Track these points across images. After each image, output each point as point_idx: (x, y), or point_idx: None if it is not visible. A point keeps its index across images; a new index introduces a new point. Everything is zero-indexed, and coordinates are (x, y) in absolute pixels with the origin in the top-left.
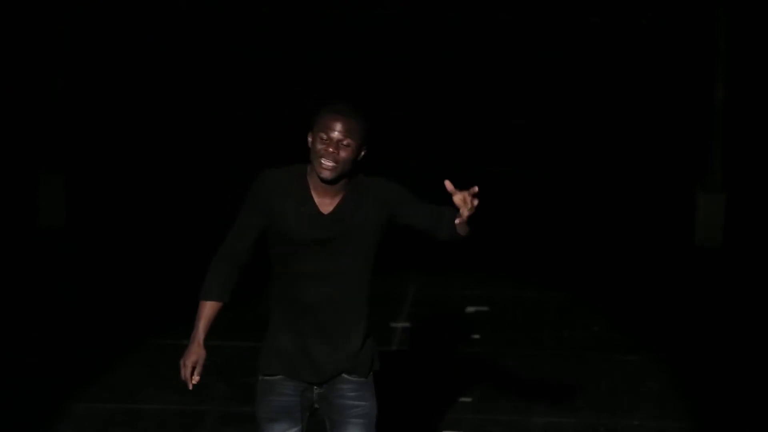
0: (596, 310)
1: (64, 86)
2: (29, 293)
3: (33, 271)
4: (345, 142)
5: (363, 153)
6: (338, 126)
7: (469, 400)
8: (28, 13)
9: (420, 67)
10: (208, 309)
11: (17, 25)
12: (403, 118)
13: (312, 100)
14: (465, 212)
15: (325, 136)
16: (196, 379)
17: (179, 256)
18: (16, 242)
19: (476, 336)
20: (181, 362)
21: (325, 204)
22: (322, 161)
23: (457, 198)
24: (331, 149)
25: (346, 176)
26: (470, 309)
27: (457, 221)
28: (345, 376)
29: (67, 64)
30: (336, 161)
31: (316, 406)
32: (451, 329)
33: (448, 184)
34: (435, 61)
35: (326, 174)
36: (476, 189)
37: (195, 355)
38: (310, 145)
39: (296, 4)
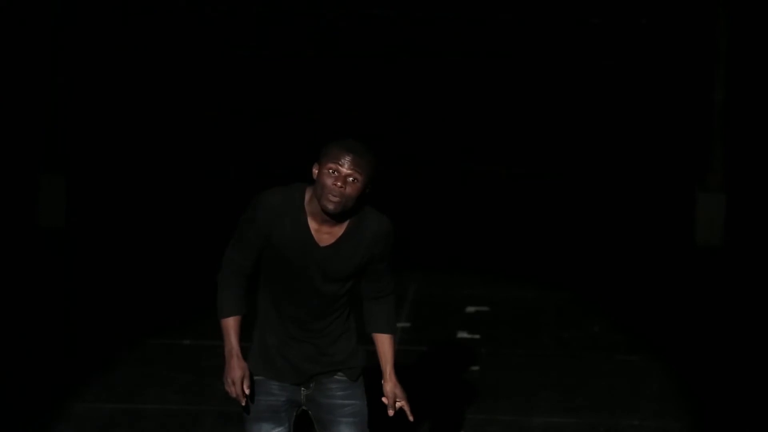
0: (596, 310)
1: (64, 86)
2: (29, 293)
3: (33, 271)
4: (352, 178)
5: (368, 190)
6: (348, 160)
7: (469, 400)
8: (28, 14)
9: (420, 67)
10: (232, 322)
11: (17, 25)
12: (402, 118)
13: (312, 102)
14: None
15: (333, 170)
16: (247, 392)
17: (179, 256)
18: (16, 242)
19: (476, 336)
20: (227, 380)
21: (323, 235)
22: (330, 196)
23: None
24: (339, 183)
25: (349, 211)
26: (470, 309)
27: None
28: (333, 376)
29: (67, 64)
30: (342, 196)
31: (304, 407)
32: (451, 329)
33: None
34: (435, 61)
35: (331, 208)
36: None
37: (239, 369)
38: (315, 176)
39: (296, 4)
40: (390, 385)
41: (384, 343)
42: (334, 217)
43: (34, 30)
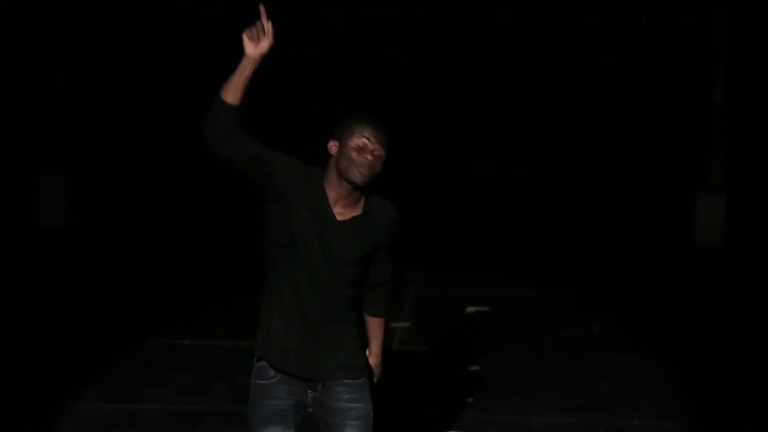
0: (596, 310)
1: (64, 86)
2: (29, 293)
3: (33, 271)
4: (378, 153)
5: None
6: (375, 137)
7: (469, 400)
8: (28, 14)
9: (420, 67)
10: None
11: (17, 25)
12: (402, 118)
13: (317, 102)
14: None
15: (362, 145)
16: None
17: (179, 256)
18: (16, 242)
19: (476, 336)
20: (246, 30)
21: (340, 212)
22: (361, 168)
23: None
24: (369, 157)
25: (363, 191)
26: (470, 309)
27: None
28: (340, 379)
29: (67, 64)
30: (372, 169)
31: (310, 410)
32: (451, 329)
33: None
34: (435, 61)
35: (360, 180)
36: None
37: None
38: (334, 152)
39: (296, 4)
40: (372, 359)
41: (374, 324)
42: (353, 194)
43: (34, 30)
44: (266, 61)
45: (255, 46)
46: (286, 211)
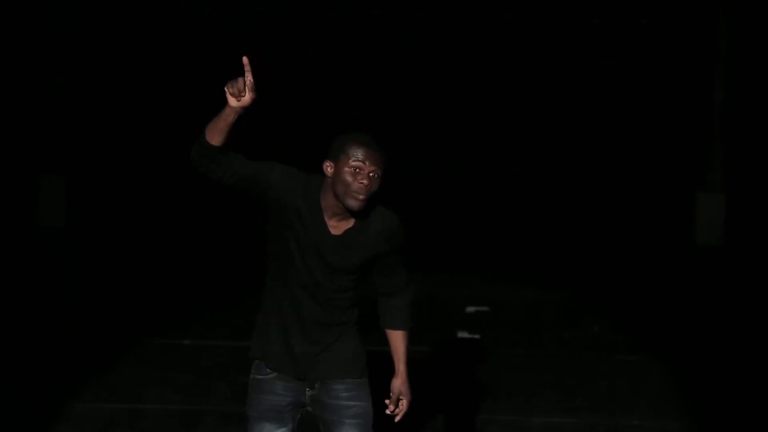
0: (596, 310)
1: (64, 86)
2: (29, 293)
3: (33, 271)
4: (374, 174)
5: None
6: (370, 159)
7: (469, 400)
8: (28, 14)
9: (420, 67)
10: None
11: (17, 25)
12: (402, 118)
13: (316, 102)
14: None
15: (356, 168)
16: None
17: (179, 256)
18: (16, 242)
19: (476, 336)
20: (229, 85)
21: (334, 225)
22: (356, 195)
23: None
24: (365, 182)
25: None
26: (470, 309)
27: (389, 407)
28: (338, 377)
29: (67, 64)
30: (368, 193)
31: (309, 408)
32: (451, 329)
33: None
34: (435, 61)
35: (357, 206)
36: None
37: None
38: (329, 174)
39: (296, 4)
40: (398, 381)
41: (396, 339)
42: (351, 213)
43: (34, 30)
44: (251, 111)
45: (237, 100)
46: (284, 219)
